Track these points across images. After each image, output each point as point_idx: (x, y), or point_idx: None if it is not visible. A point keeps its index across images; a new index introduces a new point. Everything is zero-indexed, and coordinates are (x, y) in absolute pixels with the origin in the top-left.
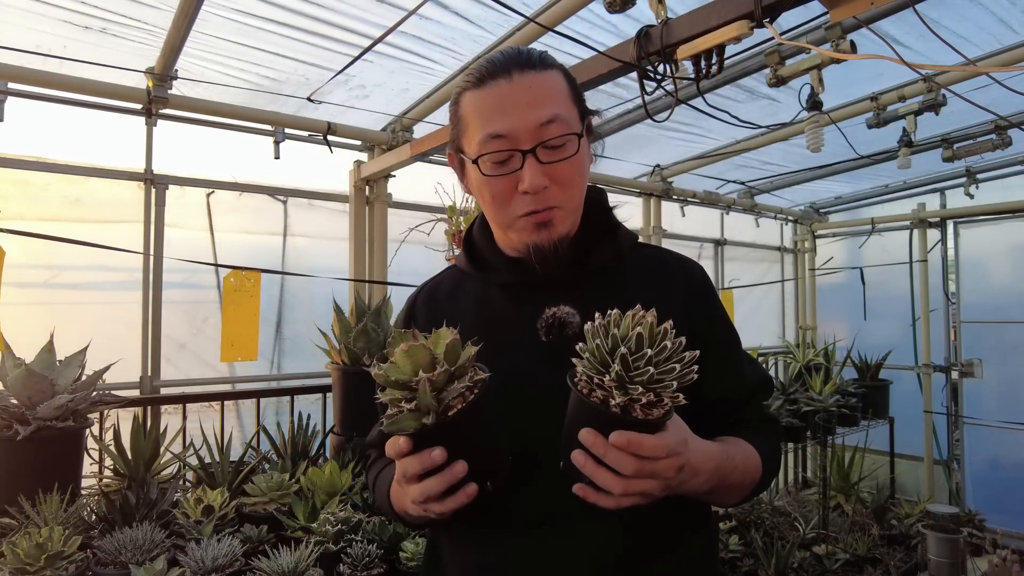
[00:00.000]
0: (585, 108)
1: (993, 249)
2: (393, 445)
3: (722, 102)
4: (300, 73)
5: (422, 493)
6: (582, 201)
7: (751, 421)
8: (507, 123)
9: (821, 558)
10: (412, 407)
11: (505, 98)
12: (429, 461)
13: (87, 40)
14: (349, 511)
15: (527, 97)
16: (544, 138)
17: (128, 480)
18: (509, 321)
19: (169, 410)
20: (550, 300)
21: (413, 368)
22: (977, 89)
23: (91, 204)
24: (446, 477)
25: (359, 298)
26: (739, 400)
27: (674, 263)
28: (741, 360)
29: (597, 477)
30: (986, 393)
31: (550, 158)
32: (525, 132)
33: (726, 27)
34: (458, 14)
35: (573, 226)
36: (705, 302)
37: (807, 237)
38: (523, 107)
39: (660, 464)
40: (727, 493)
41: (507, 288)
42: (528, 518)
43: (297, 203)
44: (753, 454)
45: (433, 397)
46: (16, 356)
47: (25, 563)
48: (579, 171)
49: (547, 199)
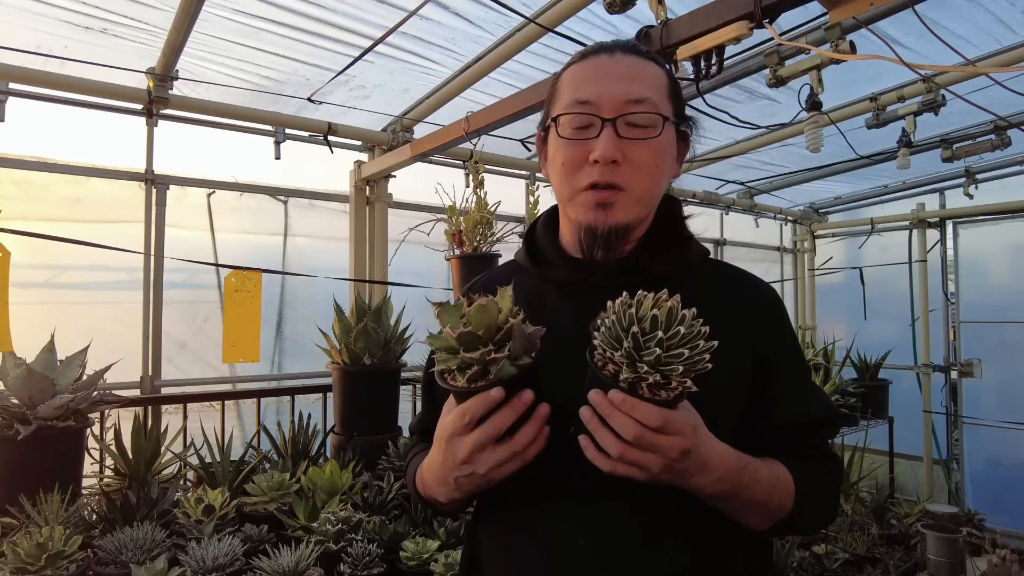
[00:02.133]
0: (683, 115)
1: (992, 249)
2: (484, 401)
3: (721, 102)
4: (301, 73)
5: (520, 443)
6: (653, 195)
7: (808, 455)
8: (596, 90)
9: (820, 558)
10: (505, 354)
11: (601, 69)
12: (522, 405)
13: (88, 40)
14: (349, 510)
15: (622, 72)
16: (628, 112)
17: (129, 480)
18: (560, 319)
19: (170, 410)
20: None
21: (490, 321)
22: (977, 90)
23: (92, 204)
24: (538, 419)
25: (359, 298)
26: (799, 432)
27: (746, 281)
28: (807, 392)
29: (598, 434)
30: (985, 393)
31: (630, 134)
32: (611, 102)
33: (726, 28)
34: (458, 15)
35: (636, 219)
36: (774, 327)
37: (806, 237)
38: (615, 79)
39: (661, 439)
40: (748, 509)
41: (562, 287)
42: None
43: (298, 203)
44: (786, 478)
45: (526, 339)
46: (17, 356)
47: (26, 562)
48: (657, 158)
49: (615, 175)
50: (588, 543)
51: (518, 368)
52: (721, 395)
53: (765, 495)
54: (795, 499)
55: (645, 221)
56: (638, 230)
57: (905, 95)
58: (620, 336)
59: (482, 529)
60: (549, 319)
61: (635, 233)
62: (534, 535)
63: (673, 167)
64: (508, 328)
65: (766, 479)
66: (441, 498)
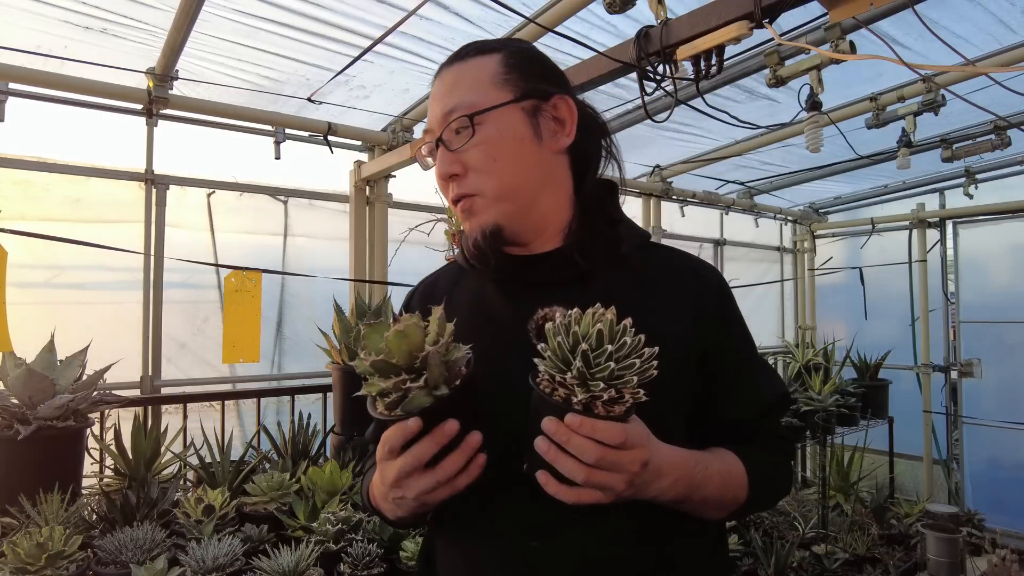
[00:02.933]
0: (537, 89)
1: (992, 249)
2: (401, 431)
3: (721, 102)
4: (300, 73)
5: (441, 475)
6: (511, 186)
7: (762, 438)
8: (429, 117)
9: (820, 557)
10: (421, 384)
11: (432, 95)
12: (443, 436)
13: (88, 40)
14: (349, 510)
15: (442, 90)
16: (447, 126)
17: (129, 480)
18: (503, 321)
19: (170, 410)
20: (545, 300)
21: (409, 348)
22: (977, 90)
23: (92, 204)
24: (465, 450)
25: (359, 298)
26: (753, 420)
27: (687, 267)
28: (758, 375)
29: (560, 463)
30: (985, 393)
31: (456, 145)
32: (435, 123)
33: (726, 27)
34: (458, 15)
35: (504, 215)
36: (720, 312)
37: (806, 237)
38: (437, 100)
39: (623, 455)
40: (704, 505)
41: (503, 285)
42: (516, 525)
43: (298, 203)
44: (738, 468)
45: (444, 368)
46: (17, 356)
47: (26, 562)
48: (490, 153)
49: (462, 186)
50: (540, 545)
51: (434, 399)
52: (668, 389)
53: (719, 490)
54: (748, 488)
55: (535, 208)
56: (532, 218)
57: (905, 95)
58: (567, 357)
59: (436, 530)
60: (494, 318)
61: (529, 223)
62: (486, 537)
63: (528, 147)
64: (424, 357)
65: (718, 473)
66: (388, 515)
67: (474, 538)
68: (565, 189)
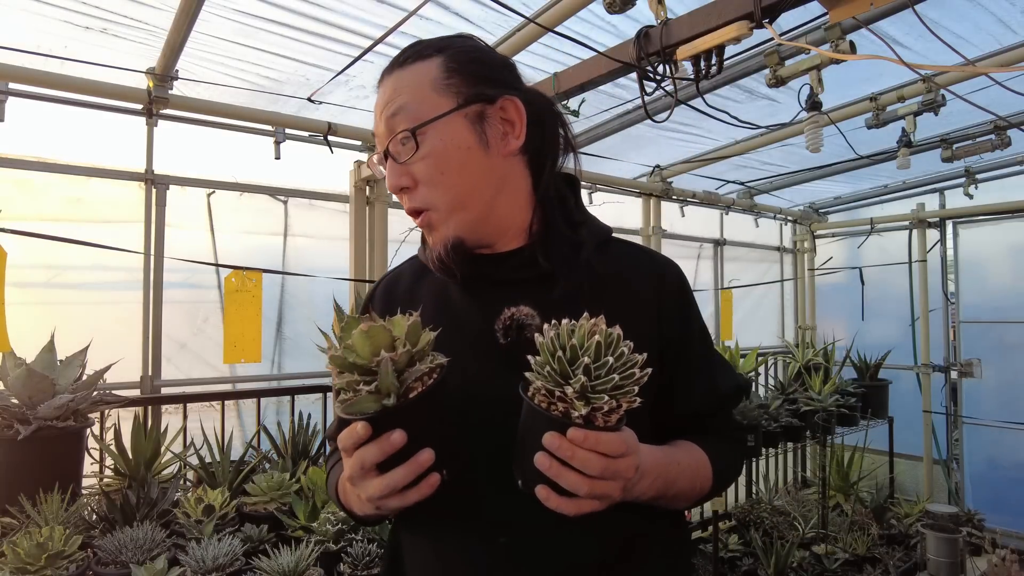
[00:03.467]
0: (479, 92)
1: (992, 249)
2: (351, 433)
3: (721, 102)
4: (300, 73)
5: (387, 486)
6: (461, 197)
7: (717, 427)
8: (375, 127)
9: (820, 557)
10: (372, 389)
11: (376, 104)
12: (389, 446)
13: (88, 40)
14: None
15: (383, 100)
16: (392, 139)
17: (129, 480)
18: (467, 320)
19: (170, 410)
20: (510, 299)
21: (372, 349)
22: (977, 90)
23: (92, 204)
24: (412, 466)
25: (359, 298)
26: (708, 413)
27: (647, 263)
28: (714, 367)
29: (563, 478)
30: (985, 393)
31: (405, 157)
32: (381, 135)
33: (726, 28)
34: (458, 15)
35: (462, 226)
36: (679, 307)
37: (806, 237)
38: (379, 111)
39: (620, 463)
40: (674, 500)
41: (466, 284)
42: (484, 521)
43: (298, 203)
44: (704, 461)
45: (395, 378)
46: (17, 356)
47: (26, 562)
48: (436, 164)
49: (414, 199)
50: (508, 540)
51: (380, 407)
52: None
53: (689, 483)
54: (712, 478)
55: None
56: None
57: (905, 95)
58: (567, 372)
59: (402, 525)
60: (458, 316)
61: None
62: (453, 533)
63: (475, 154)
64: (377, 362)
65: (688, 467)
66: (356, 511)
67: (440, 535)
68: (523, 189)
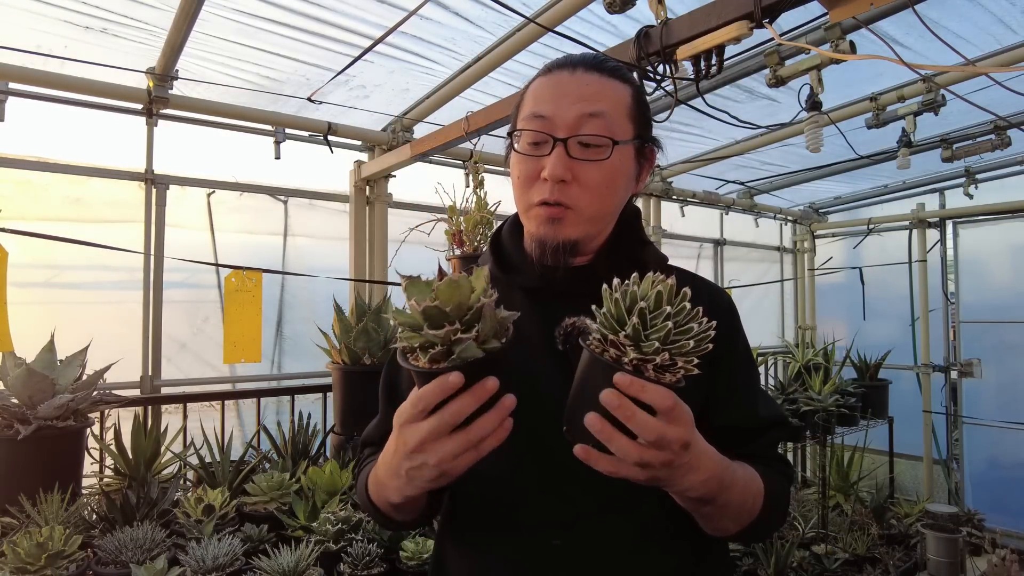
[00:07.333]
0: (647, 134)
1: (992, 249)
2: (441, 385)
3: (722, 102)
4: (300, 73)
5: (476, 434)
6: (603, 213)
7: (762, 457)
8: (552, 108)
9: (820, 557)
10: (472, 335)
11: (560, 86)
12: (484, 392)
13: (88, 40)
14: (349, 510)
15: (580, 91)
16: (579, 133)
17: (129, 479)
18: (528, 326)
19: (170, 410)
20: (571, 310)
21: (460, 299)
22: (977, 90)
23: (92, 204)
24: (500, 410)
25: (359, 298)
26: (748, 431)
27: (702, 288)
28: (756, 395)
29: (614, 442)
30: (985, 393)
31: (580, 155)
32: (564, 121)
33: (726, 27)
34: (458, 14)
35: (586, 235)
36: (727, 332)
37: (806, 237)
38: (571, 98)
39: (669, 430)
40: (725, 512)
41: (530, 293)
42: (537, 524)
43: (298, 203)
44: (757, 479)
45: (497, 321)
46: (17, 356)
47: (26, 562)
48: (607, 179)
49: (563, 194)
50: (563, 543)
51: (485, 352)
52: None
53: (741, 497)
54: (764, 499)
55: (603, 233)
56: (597, 240)
57: (905, 95)
58: (623, 316)
59: (448, 532)
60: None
61: (591, 245)
62: (504, 537)
63: (629, 186)
64: (479, 308)
65: (742, 480)
66: (394, 496)
67: (491, 540)
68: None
